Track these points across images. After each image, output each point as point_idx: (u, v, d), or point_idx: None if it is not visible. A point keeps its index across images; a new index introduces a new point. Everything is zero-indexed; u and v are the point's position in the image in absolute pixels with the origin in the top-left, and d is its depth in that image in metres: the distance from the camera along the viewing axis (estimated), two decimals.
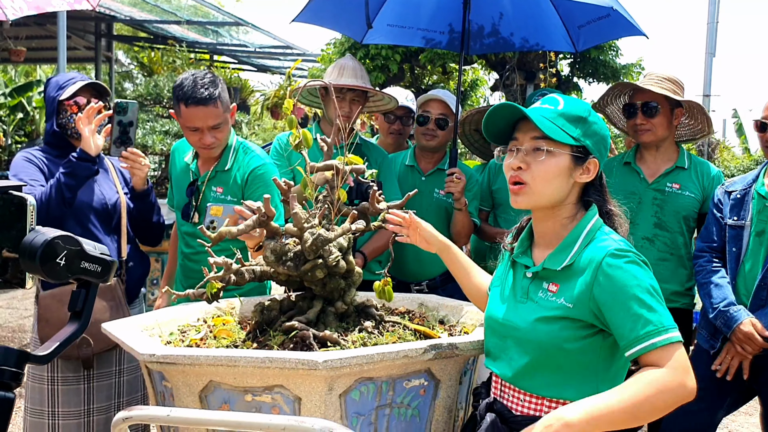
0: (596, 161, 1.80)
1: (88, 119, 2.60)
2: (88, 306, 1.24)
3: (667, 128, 3.15)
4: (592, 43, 4.01)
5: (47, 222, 2.54)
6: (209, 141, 2.78)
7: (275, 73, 15.03)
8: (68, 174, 2.56)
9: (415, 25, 4.03)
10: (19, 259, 1.14)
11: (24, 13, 3.52)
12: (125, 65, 16.48)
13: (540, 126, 1.72)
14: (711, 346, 2.83)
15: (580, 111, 1.79)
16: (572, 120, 1.77)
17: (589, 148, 1.78)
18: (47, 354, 1.20)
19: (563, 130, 1.75)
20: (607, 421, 1.58)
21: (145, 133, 6.99)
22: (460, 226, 3.40)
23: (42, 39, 11.32)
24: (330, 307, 2.14)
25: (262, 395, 1.82)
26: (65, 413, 2.66)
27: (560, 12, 3.74)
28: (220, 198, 2.87)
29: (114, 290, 2.70)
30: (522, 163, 1.77)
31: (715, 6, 7.96)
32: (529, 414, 1.78)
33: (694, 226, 3.17)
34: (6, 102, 15.43)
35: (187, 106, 2.72)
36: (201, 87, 2.71)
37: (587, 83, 5.91)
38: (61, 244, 1.15)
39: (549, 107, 1.79)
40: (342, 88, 3.17)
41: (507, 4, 3.86)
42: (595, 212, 1.82)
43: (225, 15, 10.93)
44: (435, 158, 3.58)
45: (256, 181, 2.84)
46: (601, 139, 1.81)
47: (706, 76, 8.36)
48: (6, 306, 7.31)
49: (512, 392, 1.82)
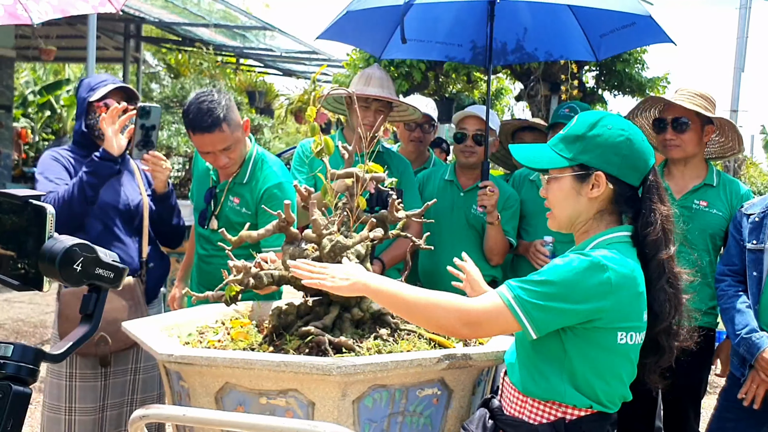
0: (602, 174, 1.78)
1: (112, 119, 2.65)
2: (98, 309, 1.32)
3: (696, 145, 3.10)
4: (614, 52, 3.99)
5: (70, 220, 2.60)
6: (222, 162, 2.81)
7: (300, 78, 15.12)
8: (90, 173, 2.60)
9: (433, 38, 4.03)
10: (38, 263, 1.22)
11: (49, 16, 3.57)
12: (153, 66, 16.68)
13: (527, 164, 1.90)
14: (742, 373, 2.75)
15: (581, 128, 1.82)
16: (570, 141, 1.82)
17: (589, 163, 1.79)
18: (61, 353, 1.27)
19: (559, 154, 1.82)
20: (394, 303, 1.83)
21: (170, 134, 7.08)
22: (492, 242, 3.34)
23: (72, 39, 11.51)
24: (346, 314, 2.16)
25: (277, 398, 1.84)
26: (82, 409, 2.69)
27: (580, 21, 3.72)
28: (236, 209, 2.89)
29: (133, 290, 2.74)
30: (545, 194, 1.90)
31: (745, 21, 7.89)
32: (515, 415, 1.81)
33: (721, 244, 3.11)
34: (35, 100, 15.69)
35: (194, 134, 2.75)
36: (205, 114, 2.69)
37: (612, 96, 5.88)
38: (78, 251, 1.23)
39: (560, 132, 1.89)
40: (367, 98, 3.18)
41: (527, 15, 3.86)
42: (621, 230, 1.81)
43: (252, 19, 11.03)
44: (475, 175, 3.50)
45: (270, 201, 2.80)
46: (609, 148, 1.78)
47: (735, 92, 8.29)
48: (28, 302, 7.42)
49: (509, 390, 1.86)
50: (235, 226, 2.79)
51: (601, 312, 1.70)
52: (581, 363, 1.74)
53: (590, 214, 1.83)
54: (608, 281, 1.69)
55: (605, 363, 1.75)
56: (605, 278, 1.68)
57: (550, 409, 1.76)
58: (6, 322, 6.57)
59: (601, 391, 1.75)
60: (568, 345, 1.74)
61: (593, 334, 1.72)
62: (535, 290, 1.71)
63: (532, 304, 1.69)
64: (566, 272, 1.71)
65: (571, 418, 1.74)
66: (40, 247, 1.22)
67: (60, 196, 2.59)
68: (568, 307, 1.69)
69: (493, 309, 1.73)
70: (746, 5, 7.94)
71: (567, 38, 3.87)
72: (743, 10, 7.96)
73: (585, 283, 1.69)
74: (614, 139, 1.79)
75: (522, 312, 1.69)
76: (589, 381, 1.75)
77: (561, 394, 1.74)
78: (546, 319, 1.70)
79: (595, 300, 1.69)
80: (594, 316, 1.70)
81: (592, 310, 1.69)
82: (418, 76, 5.91)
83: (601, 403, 1.76)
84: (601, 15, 3.47)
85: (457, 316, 1.75)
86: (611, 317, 1.71)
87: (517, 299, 1.70)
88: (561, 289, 1.69)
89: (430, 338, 2.20)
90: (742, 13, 7.96)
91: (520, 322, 1.70)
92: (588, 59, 3.91)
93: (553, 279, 1.71)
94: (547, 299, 1.69)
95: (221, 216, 2.93)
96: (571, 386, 1.74)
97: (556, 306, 1.69)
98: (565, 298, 1.69)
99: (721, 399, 2.86)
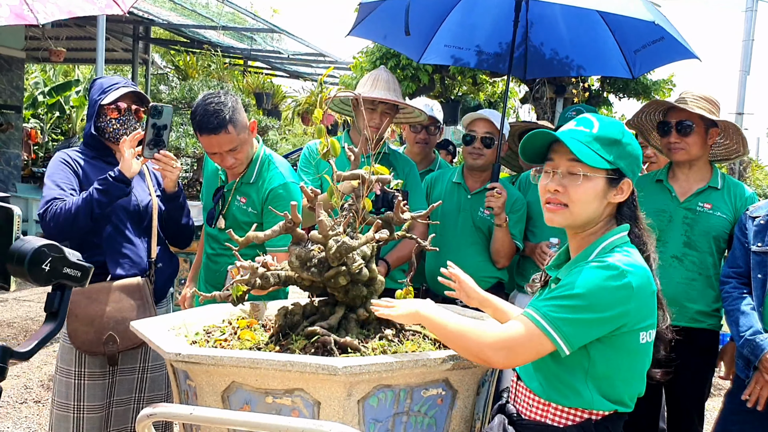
0: (630, 182, 1.83)
1: (131, 143, 2.68)
2: (63, 307, 1.34)
3: (701, 147, 3.12)
4: (648, 68, 3.97)
5: (72, 233, 2.62)
6: (229, 163, 2.87)
7: (307, 80, 15.16)
8: (102, 191, 2.63)
9: (471, 46, 4.07)
10: (6, 264, 1.26)
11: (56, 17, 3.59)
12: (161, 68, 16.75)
13: (576, 153, 1.77)
14: (746, 375, 2.77)
15: (615, 134, 1.82)
16: (607, 143, 1.80)
17: (623, 170, 1.81)
18: (28, 350, 1.30)
19: (598, 154, 1.79)
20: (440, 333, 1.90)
21: (178, 135, 7.11)
22: (499, 244, 3.36)
23: (81, 40, 11.59)
24: (352, 314, 2.18)
25: (283, 398, 1.86)
26: (90, 407, 2.72)
27: (617, 37, 3.72)
28: (242, 208, 2.96)
29: (142, 289, 2.77)
30: (559, 186, 1.82)
31: (751, 23, 7.88)
32: (536, 419, 1.82)
33: (725, 247, 3.12)
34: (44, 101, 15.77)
35: (201, 135, 2.81)
36: (212, 115, 2.74)
37: (618, 98, 5.89)
38: (46, 251, 1.27)
39: (584, 129, 1.83)
40: (374, 100, 3.21)
41: (563, 29, 3.88)
42: (622, 230, 1.85)
43: (260, 22, 11.07)
44: (483, 177, 3.55)
45: (276, 200, 2.85)
46: (634, 160, 1.84)
47: (740, 94, 8.28)
48: (37, 300, 7.48)
49: (524, 396, 1.87)
50: (242, 225, 2.87)
51: (627, 317, 1.71)
52: (606, 369, 1.75)
53: (604, 217, 1.85)
54: (629, 286, 1.71)
55: (629, 365, 1.78)
56: (627, 283, 1.70)
57: (575, 412, 1.77)
58: (15, 320, 6.62)
59: (625, 393, 1.79)
60: (594, 352, 1.74)
61: (619, 339, 1.74)
62: (561, 305, 1.71)
63: (562, 320, 1.69)
64: (588, 282, 1.71)
65: (596, 418, 1.77)
66: (6, 248, 1.25)
67: (67, 208, 2.61)
68: (595, 317, 1.69)
69: (524, 332, 1.72)
70: (752, 8, 7.93)
71: (604, 54, 3.88)
72: (749, 12, 7.95)
73: (608, 290, 1.70)
74: (638, 151, 1.86)
75: (553, 329, 1.69)
76: (614, 385, 1.77)
77: (588, 402, 1.76)
78: (577, 333, 1.70)
79: (620, 305, 1.70)
80: (621, 322, 1.71)
81: (618, 316, 1.70)
82: (424, 78, 5.94)
83: (624, 403, 1.80)
84: (633, 30, 3.47)
85: (489, 344, 1.75)
86: (635, 320, 1.73)
87: (546, 317, 1.71)
88: (586, 300, 1.69)
89: (434, 339, 2.22)
90: (748, 15, 7.96)
91: (553, 340, 1.69)
92: (625, 76, 3.89)
93: (577, 291, 1.71)
94: (574, 312, 1.69)
95: (229, 215, 2.99)
96: (597, 393, 1.75)
97: (585, 317, 1.69)
98: (592, 308, 1.69)
99: (727, 401, 2.87)
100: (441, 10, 3.91)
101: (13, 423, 4.35)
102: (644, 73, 4.06)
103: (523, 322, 1.74)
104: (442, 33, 3.99)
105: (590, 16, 3.70)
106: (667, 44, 3.42)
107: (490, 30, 3.98)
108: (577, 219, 1.83)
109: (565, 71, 4.17)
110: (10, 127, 11.26)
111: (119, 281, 2.73)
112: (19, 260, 1.25)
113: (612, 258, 1.74)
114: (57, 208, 2.61)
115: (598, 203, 1.82)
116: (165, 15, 11.13)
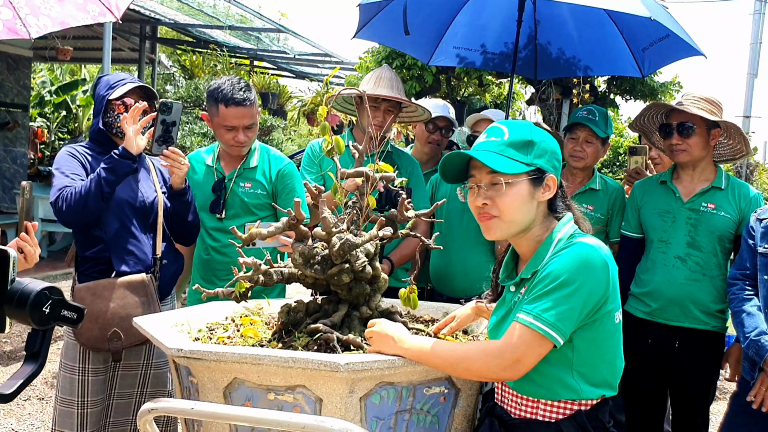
0: (554, 177, 1.85)
1: (133, 119, 2.70)
2: (44, 347, 1.33)
3: (703, 148, 3.12)
4: (657, 67, 3.94)
5: (85, 216, 2.64)
6: (243, 138, 3.06)
7: (313, 80, 15.17)
8: (109, 170, 2.65)
9: (480, 47, 4.07)
10: (5, 306, 1.25)
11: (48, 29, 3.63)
12: (168, 68, 16.79)
13: (491, 165, 1.78)
14: (752, 377, 2.75)
15: (526, 135, 1.84)
16: (520, 146, 1.82)
17: (543, 167, 1.83)
18: (11, 392, 1.29)
19: (514, 159, 1.80)
20: (430, 361, 1.83)
21: (184, 134, 7.13)
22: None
23: (88, 39, 11.60)
24: (355, 312, 2.18)
25: (285, 394, 1.86)
26: (93, 402, 2.73)
27: (624, 35, 3.71)
28: (249, 192, 3.13)
29: (147, 286, 2.77)
30: (486, 200, 1.83)
31: (759, 26, 7.86)
32: (526, 417, 1.82)
33: (730, 247, 3.12)
34: (51, 99, 15.81)
35: (227, 107, 2.98)
36: (239, 90, 3.00)
37: (624, 100, 5.88)
38: (47, 294, 1.27)
39: (495, 139, 1.85)
40: (377, 98, 3.21)
41: (572, 29, 3.87)
42: (568, 220, 1.86)
43: (266, 22, 11.09)
44: None
45: (287, 178, 3.16)
46: (552, 154, 1.86)
47: (748, 97, 8.26)
48: None
49: (510, 395, 1.87)
50: (251, 208, 3.10)
51: (606, 291, 1.74)
52: (590, 355, 1.76)
53: (539, 218, 1.86)
54: (605, 262, 1.74)
55: (610, 347, 1.80)
56: (602, 259, 1.74)
57: (565, 405, 1.78)
58: None
59: (610, 376, 1.81)
60: (578, 341, 1.75)
61: (599, 322, 1.75)
62: (551, 299, 1.71)
63: (555, 315, 1.69)
64: (567, 266, 1.72)
65: (585, 408, 1.78)
66: (3, 290, 1.24)
67: (77, 191, 2.64)
68: (584, 297, 1.70)
69: (525, 341, 1.72)
70: (760, 11, 7.91)
71: (613, 53, 3.87)
72: (757, 15, 7.93)
73: (590, 266, 1.72)
74: (553, 145, 1.87)
75: (549, 328, 1.69)
76: (599, 370, 1.78)
77: (577, 392, 1.76)
78: (568, 321, 1.70)
79: (601, 280, 1.73)
80: (602, 298, 1.73)
81: (601, 291, 1.72)
82: (429, 79, 5.94)
83: (611, 386, 1.81)
84: (640, 28, 3.46)
85: (495, 361, 1.74)
86: (610, 298, 1.76)
87: (539, 318, 1.71)
88: (574, 282, 1.70)
89: (437, 337, 2.21)
90: (756, 18, 7.94)
91: (551, 338, 1.69)
92: (634, 75, 3.87)
93: (562, 279, 1.71)
94: (566, 301, 1.70)
95: (233, 203, 3.12)
96: (584, 382, 1.76)
97: (576, 302, 1.69)
98: (580, 288, 1.70)
99: (732, 403, 2.86)
100: (449, 12, 3.91)
101: (17, 420, 4.36)
102: (653, 72, 4.04)
103: (521, 330, 1.73)
104: (450, 35, 3.99)
105: (598, 15, 3.69)
106: (673, 41, 3.41)
107: (500, 31, 3.98)
108: (512, 226, 1.84)
109: (575, 71, 4.16)
110: (17, 125, 11.28)
111: (124, 278, 2.74)
112: (20, 303, 1.24)
113: (579, 239, 1.77)
114: (67, 194, 2.65)
115: (528, 205, 1.83)
116: (172, 14, 11.16)
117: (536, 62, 3.97)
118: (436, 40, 4.00)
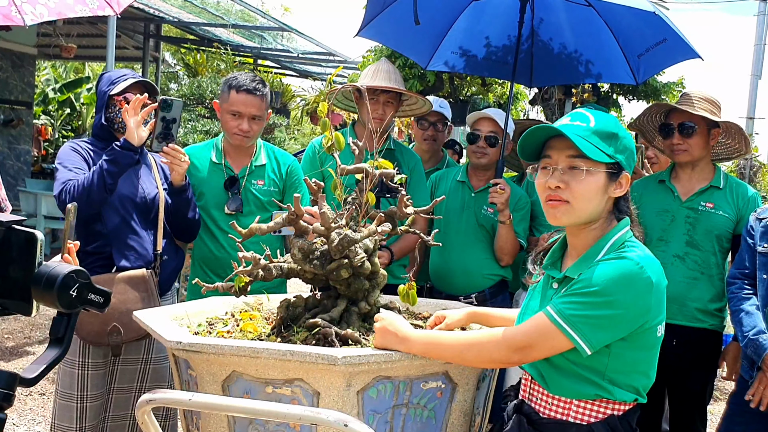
0: (628, 176, 1.82)
1: (134, 111, 2.71)
2: (69, 333, 1.33)
3: (703, 148, 3.13)
4: (651, 73, 3.92)
5: (88, 208, 2.66)
6: (246, 128, 3.07)
7: (317, 79, 15.18)
8: (111, 161, 2.66)
9: (477, 53, 4.07)
10: (33, 288, 1.24)
11: (44, 18, 3.63)
12: (171, 66, 16.82)
13: (579, 145, 1.73)
14: (750, 376, 2.76)
15: (612, 127, 1.80)
16: (605, 137, 1.78)
17: (622, 163, 1.80)
18: (34, 377, 1.28)
19: (598, 148, 1.76)
20: (437, 351, 1.85)
21: (186, 131, 7.14)
22: (503, 241, 3.35)
23: (92, 37, 11.63)
24: (354, 307, 2.19)
25: (283, 388, 1.87)
26: (93, 396, 2.74)
27: (620, 42, 3.70)
28: (263, 190, 3.16)
29: (147, 281, 2.78)
30: (560, 183, 1.78)
31: (763, 27, 7.85)
32: (557, 417, 1.79)
33: (728, 246, 3.13)
34: (55, 97, 15.85)
35: (238, 93, 3.05)
36: (254, 80, 3.10)
37: (627, 100, 5.86)
38: (75, 277, 1.27)
39: (581, 124, 1.79)
40: (375, 90, 3.22)
41: (569, 36, 3.87)
42: (625, 225, 1.83)
43: (270, 20, 11.10)
44: (487, 176, 3.53)
45: (294, 174, 3.25)
46: (631, 154, 1.84)
47: (751, 98, 8.25)
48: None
49: (541, 395, 1.84)
50: (266, 205, 3.14)
51: (648, 313, 1.70)
52: (625, 363, 1.74)
53: (605, 213, 1.83)
54: (649, 281, 1.69)
55: (647, 358, 1.77)
56: (647, 278, 1.68)
57: (598, 407, 1.75)
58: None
59: (641, 386, 1.78)
60: (616, 350, 1.72)
61: (641, 336, 1.72)
62: (578, 302, 1.68)
63: (579, 318, 1.67)
64: (607, 278, 1.67)
65: (618, 414, 1.75)
66: (30, 272, 1.24)
67: (80, 183, 2.66)
68: (617, 313, 1.66)
69: (540, 330, 1.71)
70: (764, 12, 7.90)
71: (608, 60, 3.85)
72: (761, 17, 7.92)
73: (631, 285, 1.67)
74: (632, 145, 1.84)
75: (569, 326, 1.67)
76: (631, 378, 1.75)
77: (610, 393, 1.74)
78: (597, 331, 1.66)
79: (643, 301, 1.68)
80: (644, 320, 1.69)
81: (642, 313, 1.68)
82: (432, 78, 5.93)
83: (641, 395, 1.79)
84: (636, 34, 3.46)
85: (506, 345, 1.75)
86: (653, 315, 1.72)
87: (561, 314, 1.69)
88: (606, 296, 1.66)
89: None
90: (760, 20, 7.93)
91: (570, 337, 1.67)
92: (629, 82, 3.87)
93: (595, 288, 1.67)
94: (593, 309, 1.66)
95: (246, 200, 3.14)
96: (617, 387, 1.74)
97: (605, 314, 1.66)
98: (613, 304, 1.66)
99: (731, 403, 2.86)
100: (449, 17, 3.91)
101: (18, 415, 4.37)
102: (648, 78, 4.02)
103: (540, 318, 1.73)
104: (449, 40, 3.98)
105: (594, 22, 3.68)
106: (670, 45, 3.40)
107: (497, 38, 3.98)
108: (581, 215, 1.79)
109: (569, 79, 4.15)
110: (21, 123, 11.32)
111: (124, 273, 2.75)
112: (48, 285, 1.24)
113: (630, 253, 1.72)
114: (71, 186, 2.67)
115: (600, 198, 1.78)
116: (176, 13, 11.17)
117: (531, 69, 3.95)
118: (435, 44, 4.00)
